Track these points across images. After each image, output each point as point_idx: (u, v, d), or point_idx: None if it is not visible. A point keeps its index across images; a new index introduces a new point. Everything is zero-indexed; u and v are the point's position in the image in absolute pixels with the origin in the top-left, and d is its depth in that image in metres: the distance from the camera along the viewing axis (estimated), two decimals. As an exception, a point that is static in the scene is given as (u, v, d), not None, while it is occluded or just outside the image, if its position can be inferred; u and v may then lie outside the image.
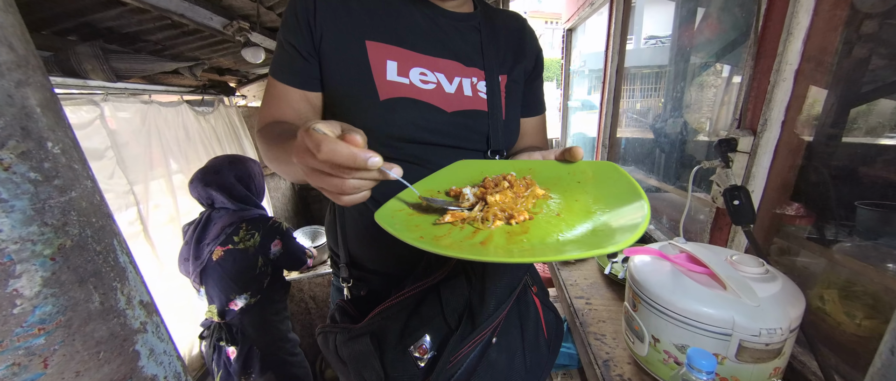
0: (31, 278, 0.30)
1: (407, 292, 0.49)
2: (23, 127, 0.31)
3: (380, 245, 0.57)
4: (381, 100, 0.50)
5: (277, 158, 0.47)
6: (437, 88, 0.52)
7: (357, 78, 0.50)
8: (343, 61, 0.51)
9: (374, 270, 0.58)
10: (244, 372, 1.24)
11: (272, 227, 1.30)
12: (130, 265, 0.39)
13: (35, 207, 0.31)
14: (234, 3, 1.35)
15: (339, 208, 0.59)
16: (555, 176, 0.46)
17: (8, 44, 0.30)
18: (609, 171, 0.43)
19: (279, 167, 0.49)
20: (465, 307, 0.47)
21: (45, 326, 0.31)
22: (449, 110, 0.53)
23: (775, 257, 0.75)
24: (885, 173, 0.62)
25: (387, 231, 0.36)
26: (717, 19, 1.22)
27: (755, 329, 0.48)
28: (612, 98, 1.71)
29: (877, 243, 0.62)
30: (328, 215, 0.65)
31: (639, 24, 1.87)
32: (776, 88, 0.65)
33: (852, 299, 0.61)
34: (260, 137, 0.53)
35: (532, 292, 0.58)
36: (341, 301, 0.58)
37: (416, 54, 0.52)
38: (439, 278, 0.49)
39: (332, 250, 0.65)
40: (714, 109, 1.20)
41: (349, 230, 0.58)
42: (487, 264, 0.49)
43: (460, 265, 0.50)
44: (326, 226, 0.66)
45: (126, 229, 1.55)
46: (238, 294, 1.22)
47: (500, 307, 0.47)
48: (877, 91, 0.65)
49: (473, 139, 0.56)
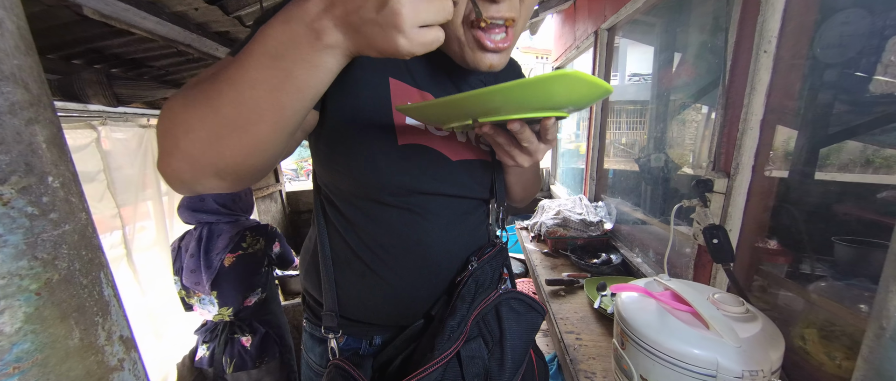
0: (13, 314, 0.30)
1: (435, 365, 0.45)
2: (27, 163, 0.32)
3: (376, 296, 0.54)
4: (398, 145, 0.47)
5: (232, 93, 0.29)
6: (451, 135, 0.52)
7: (376, 115, 0.47)
8: (363, 92, 0.46)
9: (369, 322, 0.55)
10: (259, 356, 1.40)
11: (271, 232, 1.51)
12: (114, 299, 0.39)
13: (28, 241, 0.31)
14: (240, 37, 1.41)
15: (324, 254, 0.53)
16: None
17: (24, 85, 0.32)
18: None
19: (221, 126, 0.30)
20: (485, 375, 0.46)
21: (21, 365, 0.31)
22: (454, 159, 0.52)
23: (757, 295, 0.77)
24: (856, 211, 0.66)
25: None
26: (693, 65, 1.32)
27: (738, 371, 0.48)
28: (599, 134, 1.79)
29: (850, 283, 0.65)
30: (306, 255, 0.60)
31: (623, 62, 2.00)
32: (745, 136, 0.70)
33: (832, 339, 0.62)
34: (168, 105, 0.33)
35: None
36: (340, 362, 0.51)
37: (432, 99, 0.50)
38: (461, 343, 0.47)
39: (308, 294, 0.60)
40: (695, 144, 1.26)
41: (339, 278, 0.54)
42: (504, 326, 0.49)
43: (477, 329, 0.49)
44: (305, 268, 0.60)
45: (109, 253, 1.51)
46: (252, 292, 1.41)
47: (517, 372, 0.47)
48: (841, 134, 0.70)
49: (476, 189, 0.55)
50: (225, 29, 1.34)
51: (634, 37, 1.76)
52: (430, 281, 0.54)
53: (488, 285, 0.55)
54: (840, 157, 0.73)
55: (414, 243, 0.52)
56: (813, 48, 0.68)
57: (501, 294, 0.53)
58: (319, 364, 0.59)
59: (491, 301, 0.52)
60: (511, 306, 0.52)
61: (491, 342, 0.48)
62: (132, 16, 0.99)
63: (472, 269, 0.54)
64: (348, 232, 0.52)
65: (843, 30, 0.66)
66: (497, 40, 0.42)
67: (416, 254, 0.52)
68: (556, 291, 1.15)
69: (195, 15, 1.19)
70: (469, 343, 0.48)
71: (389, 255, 0.52)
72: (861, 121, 0.69)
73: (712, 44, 1.10)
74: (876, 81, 0.66)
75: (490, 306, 0.51)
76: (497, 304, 0.52)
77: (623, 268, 1.30)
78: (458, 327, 0.48)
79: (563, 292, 1.14)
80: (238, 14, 1.24)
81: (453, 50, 0.46)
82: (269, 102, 0.29)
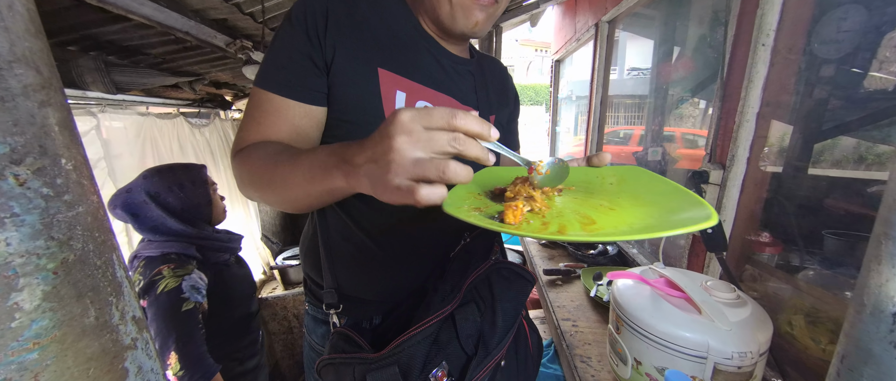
0: (32, 291, 0.31)
1: (430, 321, 0.48)
2: (41, 145, 0.32)
3: (372, 273, 0.56)
4: None
5: (282, 178, 0.41)
6: None
7: (367, 104, 0.50)
8: (354, 84, 0.49)
9: (366, 298, 0.58)
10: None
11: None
12: (126, 281, 0.40)
13: (44, 221, 0.32)
14: (238, 24, 1.40)
15: (324, 234, 0.57)
16: (585, 180, 0.49)
17: (36, 67, 0.33)
18: (639, 173, 0.46)
19: (276, 191, 0.43)
20: (479, 334, 0.49)
21: (40, 340, 0.32)
22: None
23: (748, 284, 0.79)
24: (847, 205, 0.68)
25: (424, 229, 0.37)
26: (691, 58, 1.33)
27: (728, 352, 0.51)
28: (597, 126, 1.80)
29: (837, 271, 0.67)
30: (306, 240, 0.62)
31: (622, 56, 2.00)
32: (741, 128, 0.72)
33: (817, 324, 0.65)
34: (244, 159, 0.46)
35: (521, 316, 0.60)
36: (343, 329, 0.55)
37: (423, 87, 0.54)
38: (455, 304, 0.50)
39: (309, 278, 0.63)
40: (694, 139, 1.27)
41: (337, 257, 0.57)
42: (495, 291, 0.51)
43: (470, 294, 0.52)
44: (304, 251, 0.63)
45: (107, 240, 1.51)
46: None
47: (508, 333, 0.50)
48: (835, 129, 0.72)
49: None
50: (223, 16, 1.32)
51: (634, 30, 1.76)
52: (425, 257, 0.58)
53: (480, 257, 0.58)
54: (834, 153, 0.75)
55: (408, 221, 0.55)
56: (810, 43, 0.69)
57: (493, 264, 0.56)
58: (321, 344, 0.61)
59: (483, 270, 0.54)
60: (502, 274, 0.55)
61: (483, 307, 0.51)
62: (129, 1, 0.98)
63: (464, 243, 0.58)
64: (345, 213, 0.55)
65: (840, 25, 0.67)
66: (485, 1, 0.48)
67: (411, 232, 0.55)
68: (554, 280, 1.17)
69: (193, 1, 1.17)
70: (463, 307, 0.50)
71: (384, 234, 0.55)
72: (854, 117, 0.70)
73: (711, 38, 1.11)
74: (870, 77, 0.67)
75: (482, 274, 0.54)
76: (488, 273, 0.54)
77: (619, 259, 1.33)
78: (452, 291, 0.51)
79: (560, 281, 1.17)
80: (237, 1, 1.23)
81: (443, 11, 0.51)
82: (301, 188, 0.42)
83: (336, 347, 0.53)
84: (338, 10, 0.49)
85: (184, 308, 0.85)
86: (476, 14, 0.50)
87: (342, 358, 0.50)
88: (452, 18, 0.50)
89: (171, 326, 0.82)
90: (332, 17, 0.48)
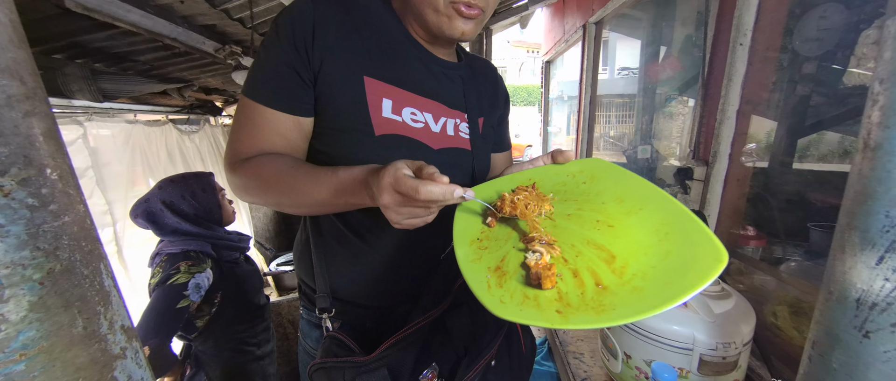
0: (18, 302, 0.31)
1: (419, 323, 0.49)
2: (25, 155, 0.32)
3: (366, 275, 0.57)
4: (376, 135, 0.51)
5: (295, 192, 0.46)
6: (425, 127, 0.55)
7: (353, 112, 0.51)
8: (341, 93, 0.50)
9: (360, 302, 0.58)
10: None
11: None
12: (114, 289, 0.40)
13: (29, 231, 0.32)
14: (227, 30, 1.39)
15: (316, 238, 0.58)
16: (559, 182, 0.50)
17: (20, 78, 0.33)
18: (603, 167, 0.48)
19: (291, 198, 0.47)
20: (471, 335, 0.49)
21: (27, 351, 0.31)
22: (435, 148, 0.56)
23: (734, 277, 0.81)
24: (830, 198, 0.70)
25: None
26: (678, 58, 1.36)
27: (712, 344, 0.52)
28: (587, 126, 1.82)
29: (819, 263, 0.69)
30: (299, 245, 0.63)
31: (612, 56, 2.03)
32: (722, 125, 0.74)
33: (801, 314, 0.67)
34: (248, 170, 0.49)
35: None
36: (335, 333, 0.55)
37: (409, 94, 0.54)
38: (445, 307, 0.51)
39: (303, 282, 0.63)
40: (682, 136, 1.30)
41: (330, 261, 0.58)
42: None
43: (462, 296, 0.52)
44: (298, 256, 0.63)
45: (97, 250, 1.49)
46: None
47: (498, 333, 0.50)
48: (818, 125, 0.74)
49: (457, 176, 0.58)
50: (212, 22, 1.31)
51: (622, 31, 1.79)
52: (416, 260, 0.58)
53: None
54: (819, 148, 0.77)
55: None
56: (791, 41, 0.71)
57: None
58: (315, 348, 0.61)
59: None
60: None
61: (474, 308, 0.51)
62: (116, 8, 0.97)
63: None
64: (338, 217, 0.56)
65: (820, 24, 0.69)
66: (471, 11, 0.50)
67: (401, 235, 0.56)
68: (547, 279, 1.18)
69: (181, 7, 1.17)
70: (454, 309, 0.51)
71: (376, 237, 0.55)
72: (836, 112, 0.72)
73: (696, 37, 1.14)
74: (849, 73, 0.69)
75: None
76: None
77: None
78: (443, 294, 0.52)
79: (553, 280, 1.18)
80: (225, 7, 1.22)
81: (429, 19, 0.51)
82: (309, 200, 0.48)
83: (328, 351, 0.53)
84: (325, 20, 0.49)
85: (178, 305, 0.93)
86: (461, 24, 0.50)
87: (333, 362, 0.51)
88: (439, 27, 0.51)
89: (158, 312, 0.91)
90: (320, 27, 0.49)
